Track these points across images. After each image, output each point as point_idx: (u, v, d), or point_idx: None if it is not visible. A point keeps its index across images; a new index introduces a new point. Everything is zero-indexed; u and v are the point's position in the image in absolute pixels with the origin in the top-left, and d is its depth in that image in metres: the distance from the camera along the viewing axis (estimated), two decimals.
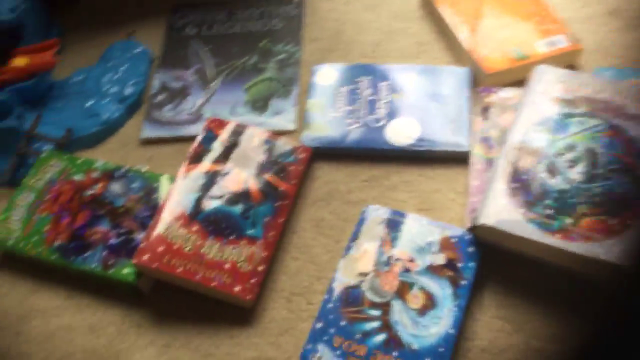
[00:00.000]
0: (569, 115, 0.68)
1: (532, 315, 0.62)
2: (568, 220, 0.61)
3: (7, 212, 0.73)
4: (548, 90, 0.71)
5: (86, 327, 0.67)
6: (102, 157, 0.80)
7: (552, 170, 0.64)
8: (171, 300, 0.68)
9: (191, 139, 0.80)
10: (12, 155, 0.79)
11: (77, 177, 0.75)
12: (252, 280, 0.65)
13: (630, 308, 0.49)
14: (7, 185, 0.79)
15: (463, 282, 0.62)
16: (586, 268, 0.60)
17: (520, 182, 0.64)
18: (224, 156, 0.74)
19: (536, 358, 0.60)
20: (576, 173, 0.63)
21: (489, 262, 0.65)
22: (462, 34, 0.83)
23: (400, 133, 0.76)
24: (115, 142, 0.84)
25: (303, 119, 0.80)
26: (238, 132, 0.76)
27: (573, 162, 0.64)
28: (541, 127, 0.67)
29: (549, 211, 0.61)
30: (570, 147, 0.65)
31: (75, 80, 0.89)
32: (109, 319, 0.67)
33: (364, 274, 0.64)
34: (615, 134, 0.66)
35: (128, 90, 0.87)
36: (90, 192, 0.73)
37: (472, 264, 0.64)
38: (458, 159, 0.74)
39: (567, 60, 0.80)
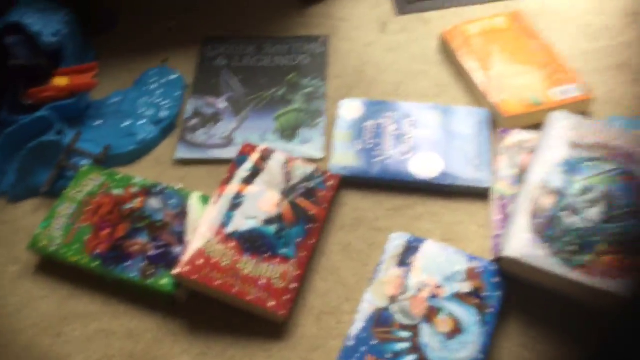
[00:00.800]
0: (585, 160, 0.73)
1: (556, 345, 0.66)
2: (588, 257, 0.65)
3: (49, 220, 0.75)
4: (563, 135, 0.76)
5: (124, 332, 0.69)
6: (137, 174, 0.83)
7: (572, 210, 0.69)
8: (206, 311, 0.70)
9: (222, 161, 0.85)
10: (52, 167, 0.82)
11: (117, 191, 0.78)
12: (286, 297, 0.68)
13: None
14: (46, 196, 0.82)
15: (489, 310, 0.66)
16: (604, 302, 0.65)
17: (542, 219, 0.69)
18: (257, 178, 0.78)
19: None
20: (595, 213, 0.68)
21: (515, 293, 0.69)
22: (480, 79, 0.89)
23: (424, 167, 0.81)
24: (150, 161, 0.87)
25: (330, 149, 0.85)
26: (270, 156, 0.80)
27: (591, 203, 0.69)
28: (559, 168, 0.73)
29: (570, 247, 0.66)
30: (588, 189, 0.70)
31: (113, 102, 0.93)
32: (145, 326, 0.70)
33: (393, 297, 0.67)
34: (629, 178, 0.71)
35: (163, 114, 0.90)
36: (129, 205, 0.76)
37: (497, 293, 0.68)
38: (479, 194, 0.79)
39: (579, 109, 0.86)
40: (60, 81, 0.89)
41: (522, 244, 0.67)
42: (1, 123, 0.86)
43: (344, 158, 0.83)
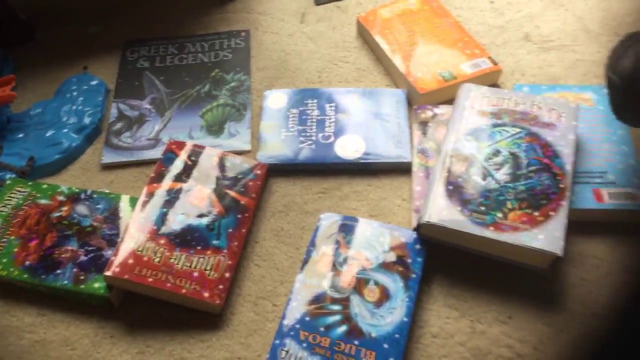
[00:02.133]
0: (493, 126, 0.78)
1: (476, 301, 0.70)
2: (499, 215, 0.69)
3: None
4: (474, 104, 0.80)
5: (61, 341, 0.69)
6: (65, 183, 0.83)
7: (482, 173, 0.73)
8: (142, 310, 0.71)
9: (150, 162, 0.86)
10: None
11: (43, 201, 0.77)
12: (220, 287, 0.70)
13: None
14: None
15: (413, 276, 0.70)
16: (517, 256, 0.69)
17: (455, 185, 0.72)
18: (186, 174, 0.79)
19: (481, 339, 0.67)
20: (503, 174, 0.73)
21: (436, 258, 0.73)
22: (397, 60, 0.92)
23: (348, 148, 0.84)
24: (77, 168, 0.87)
25: (258, 140, 0.87)
26: (198, 152, 0.82)
27: (499, 165, 0.74)
28: (470, 136, 0.77)
29: (482, 208, 0.70)
30: (496, 153, 0.75)
31: (34, 113, 0.92)
32: (82, 332, 0.70)
33: (324, 274, 0.70)
34: (533, 139, 0.76)
35: (86, 120, 0.90)
36: (56, 214, 0.76)
37: (419, 259, 0.71)
38: (401, 170, 0.83)
39: (490, 80, 0.90)
40: None
41: (438, 209, 0.70)
42: None
43: (271, 147, 0.85)
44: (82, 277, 0.70)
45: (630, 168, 0.76)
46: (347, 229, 0.74)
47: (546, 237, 0.67)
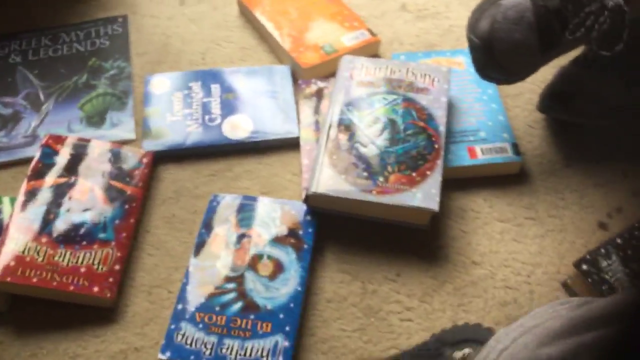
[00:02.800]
0: (372, 94, 0.80)
1: (366, 264, 0.73)
2: (380, 179, 0.72)
3: None
4: (353, 75, 0.83)
5: None
6: None
7: (363, 140, 0.76)
8: (32, 313, 0.68)
9: (29, 160, 0.81)
10: None
11: None
12: (110, 279, 0.68)
13: None
14: None
15: (305, 247, 0.71)
16: (399, 216, 0.73)
17: (339, 155, 0.74)
18: (67, 170, 0.76)
19: (372, 298, 0.70)
20: (383, 140, 0.76)
21: (327, 227, 0.75)
22: (279, 37, 0.93)
23: (235, 128, 0.84)
24: None
25: (142, 127, 0.85)
26: (79, 145, 0.79)
27: (379, 132, 0.76)
28: (351, 106, 0.79)
29: (365, 174, 0.73)
30: (376, 120, 0.78)
31: None
32: None
33: (217, 255, 0.70)
34: (409, 105, 0.79)
35: None
36: None
37: (310, 230, 0.73)
38: (291, 145, 0.84)
39: (370, 51, 0.93)
40: None
41: (324, 179, 0.72)
42: None
43: (157, 134, 0.83)
44: None
45: (500, 124, 0.82)
46: (240, 208, 0.75)
47: (423, 195, 0.71)
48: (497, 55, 0.72)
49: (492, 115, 0.82)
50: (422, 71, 0.83)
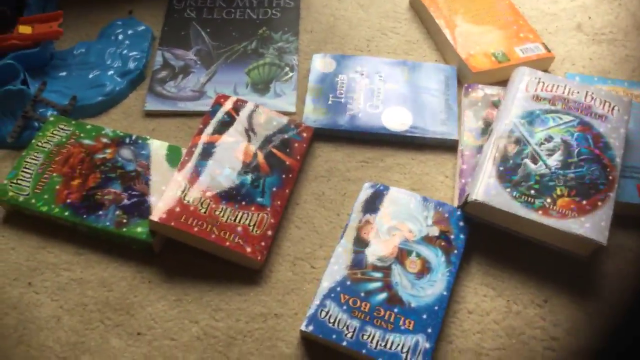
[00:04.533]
0: (547, 111, 0.77)
1: (513, 282, 0.70)
2: (547, 200, 0.69)
3: (16, 170, 0.74)
4: (529, 88, 0.80)
5: (98, 281, 0.69)
6: (106, 126, 0.82)
7: (533, 157, 0.73)
8: (181, 259, 0.71)
9: (193, 114, 0.85)
10: (18, 117, 0.80)
11: (87, 142, 0.77)
12: (262, 243, 0.70)
13: None
14: (11, 147, 0.80)
15: (455, 252, 0.70)
16: (560, 242, 0.69)
17: (506, 166, 0.72)
18: (233, 129, 0.78)
19: (516, 319, 0.68)
20: (554, 160, 0.72)
21: (477, 236, 0.73)
22: (450, 36, 0.91)
23: (395, 120, 0.83)
24: (119, 112, 0.86)
25: (303, 102, 0.86)
26: (246, 107, 0.81)
27: (551, 151, 0.73)
28: (523, 120, 0.76)
29: (531, 191, 0.70)
30: (549, 138, 0.74)
31: (78, 52, 0.90)
32: (120, 274, 0.70)
33: (366, 242, 0.70)
34: (585, 129, 0.75)
35: (131, 65, 0.89)
36: (100, 155, 0.75)
37: (462, 237, 0.71)
38: (446, 146, 0.82)
39: (542, 66, 0.90)
40: (25, 29, 0.86)
41: (487, 188, 0.70)
42: None
43: (318, 111, 0.84)
44: (124, 221, 0.70)
45: None
46: (390, 199, 0.74)
47: (592, 226, 0.67)
48: None
49: None
50: (602, 97, 0.79)
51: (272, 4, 1.00)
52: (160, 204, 0.70)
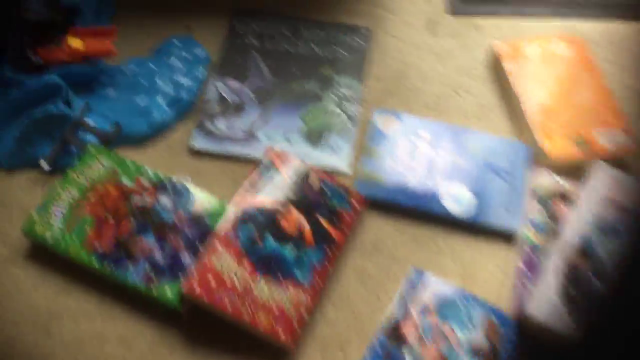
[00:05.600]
0: (621, 220, 0.69)
1: None
2: None
3: (48, 203, 0.70)
4: (609, 193, 0.72)
5: (117, 338, 0.66)
6: (147, 159, 0.78)
7: (601, 274, 0.65)
8: (207, 327, 0.67)
9: (242, 159, 0.79)
10: (55, 140, 0.76)
11: (126, 182, 0.72)
12: (296, 327, 0.65)
13: None
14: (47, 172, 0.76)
15: None
16: None
17: (571, 281, 0.65)
18: (282, 193, 0.73)
19: None
20: None
21: (524, 346, 0.66)
22: (527, 107, 0.83)
23: (454, 200, 0.76)
24: (163, 146, 0.81)
25: (359, 163, 0.79)
26: (297, 169, 0.75)
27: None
28: (600, 231, 0.69)
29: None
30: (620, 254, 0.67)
31: (128, 71, 0.85)
32: (141, 333, 0.66)
33: (406, 338, 0.65)
34: None
35: (182, 94, 0.84)
36: (138, 200, 0.71)
37: (511, 351, 0.65)
38: (504, 237, 0.75)
39: (621, 156, 0.81)
40: (75, 42, 0.81)
41: (548, 306, 0.64)
42: (4, 81, 0.78)
43: (372, 177, 0.78)
44: (154, 280, 0.66)
45: None
46: (438, 294, 0.68)
47: None
48: None
49: None
50: None
51: (339, 40, 0.92)
52: (194, 271, 0.65)
